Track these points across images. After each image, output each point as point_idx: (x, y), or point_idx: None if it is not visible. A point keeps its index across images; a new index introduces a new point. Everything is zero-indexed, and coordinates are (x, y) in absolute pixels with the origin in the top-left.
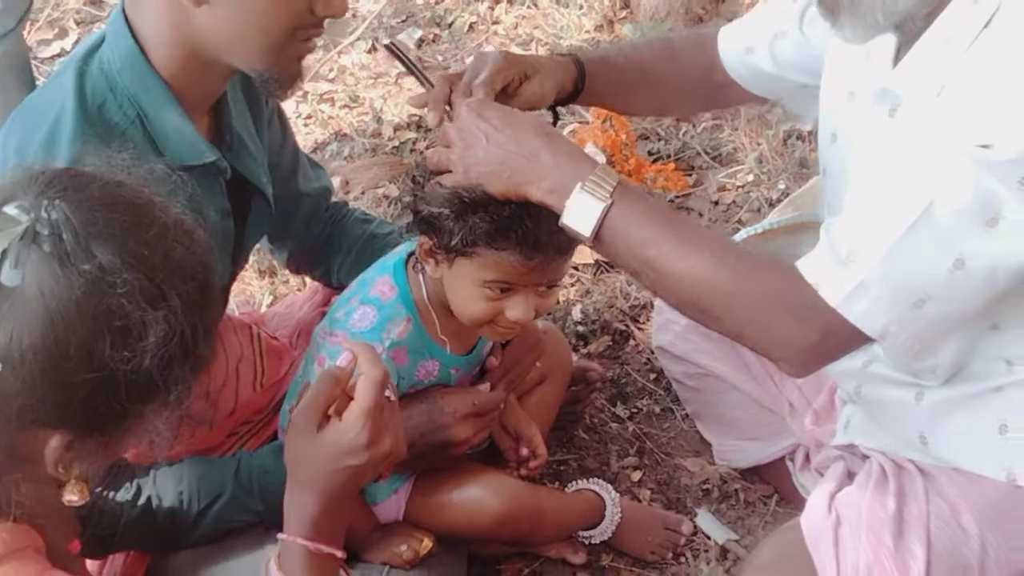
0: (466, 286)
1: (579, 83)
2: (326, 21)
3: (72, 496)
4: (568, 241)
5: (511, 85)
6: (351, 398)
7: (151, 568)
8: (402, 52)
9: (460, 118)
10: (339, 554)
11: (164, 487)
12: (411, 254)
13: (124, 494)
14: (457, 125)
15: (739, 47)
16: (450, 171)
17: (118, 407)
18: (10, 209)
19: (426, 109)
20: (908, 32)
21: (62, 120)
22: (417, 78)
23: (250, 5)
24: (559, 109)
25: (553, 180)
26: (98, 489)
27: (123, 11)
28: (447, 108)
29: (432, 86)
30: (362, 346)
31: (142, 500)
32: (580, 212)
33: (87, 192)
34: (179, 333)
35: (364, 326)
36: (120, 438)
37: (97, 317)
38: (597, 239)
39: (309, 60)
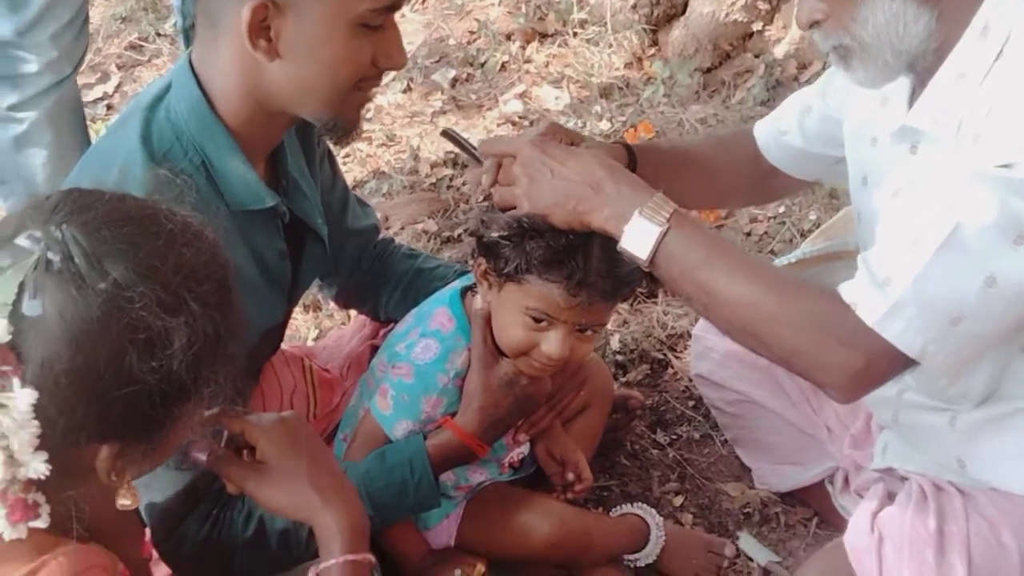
0: (510, 311)
1: (630, 167)
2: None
3: (125, 500)
4: (614, 288)
5: None
6: None
7: None
8: (455, 135)
9: (523, 156)
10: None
11: None
12: (467, 288)
13: (236, 517)
14: (521, 162)
15: (773, 131)
16: (515, 207)
17: (155, 414)
18: (21, 241)
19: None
20: (921, 70)
21: (130, 166)
22: (472, 157)
23: (319, 59)
24: None
25: (614, 208)
26: (214, 512)
27: (190, 62)
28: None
29: (482, 163)
30: None
31: (254, 522)
32: (638, 236)
33: (92, 212)
34: (202, 335)
35: (428, 358)
36: (164, 440)
37: (120, 333)
38: (653, 263)
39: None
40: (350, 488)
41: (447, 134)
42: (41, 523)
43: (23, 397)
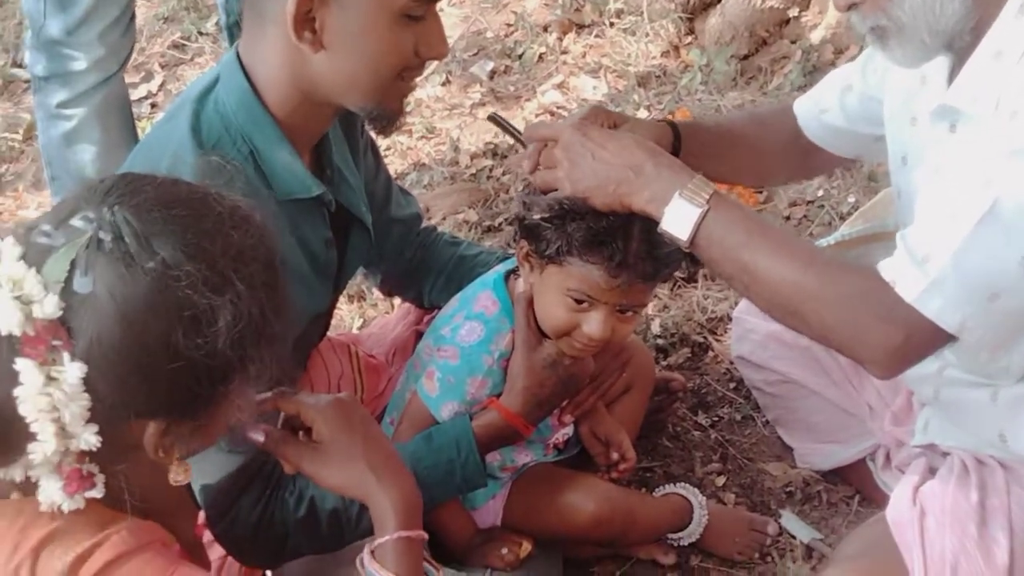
0: (551, 292)
1: (675, 145)
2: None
3: (177, 476)
4: (654, 270)
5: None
6: None
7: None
8: (502, 120)
9: (564, 139)
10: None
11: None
12: (510, 271)
13: (288, 498)
14: (562, 145)
15: (814, 110)
16: (556, 190)
17: (201, 391)
18: (75, 221)
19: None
20: (959, 50)
21: (181, 156)
22: (518, 141)
23: (364, 50)
24: None
25: (654, 190)
26: (266, 492)
27: (237, 55)
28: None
29: (527, 147)
30: None
31: (305, 502)
32: (678, 218)
33: (144, 194)
34: (247, 314)
35: (473, 340)
36: (211, 418)
37: (168, 310)
38: (694, 244)
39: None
40: (403, 467)
41: (494, 119)
42: (97, 493)
43: (73, 371)
